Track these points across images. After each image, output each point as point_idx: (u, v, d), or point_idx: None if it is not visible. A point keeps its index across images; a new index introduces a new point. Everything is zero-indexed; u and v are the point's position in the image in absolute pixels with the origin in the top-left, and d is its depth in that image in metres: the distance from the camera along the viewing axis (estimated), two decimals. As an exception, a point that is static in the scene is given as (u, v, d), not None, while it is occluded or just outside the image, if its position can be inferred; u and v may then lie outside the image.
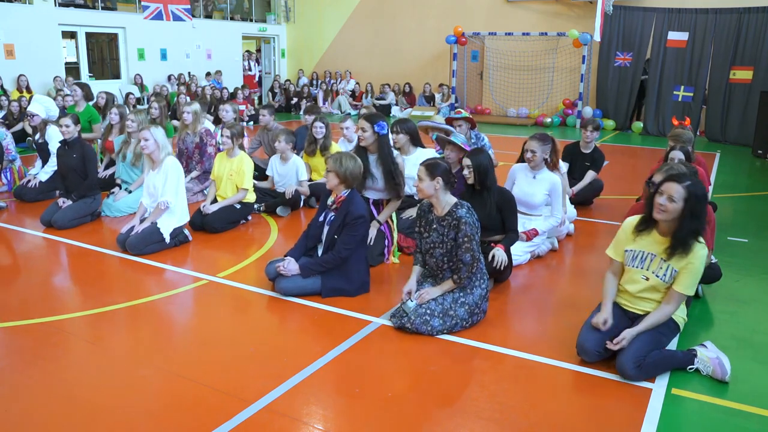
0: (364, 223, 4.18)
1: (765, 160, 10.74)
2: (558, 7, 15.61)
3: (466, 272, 3.71)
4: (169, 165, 5.29)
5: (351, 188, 4.27)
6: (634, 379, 3.19)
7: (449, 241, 3.75)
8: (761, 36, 12.57)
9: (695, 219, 3.15)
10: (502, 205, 4.40)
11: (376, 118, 4.92)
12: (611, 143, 12.70)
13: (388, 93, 17.31)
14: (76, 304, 4.23)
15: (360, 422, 2.85)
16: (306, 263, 4.24)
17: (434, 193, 3.74)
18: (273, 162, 6.71)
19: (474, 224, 3.72)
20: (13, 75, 12.63)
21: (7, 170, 7.34)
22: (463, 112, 6.23)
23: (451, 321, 3.72)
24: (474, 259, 3.70)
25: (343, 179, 4.19)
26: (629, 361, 3.17)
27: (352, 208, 4.16)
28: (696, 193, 3.13)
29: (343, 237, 4.16)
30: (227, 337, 3.73)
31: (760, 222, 6.68)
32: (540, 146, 5.04)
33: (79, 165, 6.06)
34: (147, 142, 5.23)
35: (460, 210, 3.73)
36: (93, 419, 2.84)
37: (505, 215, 4.41)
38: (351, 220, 4.14)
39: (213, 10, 17.96)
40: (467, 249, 3.67)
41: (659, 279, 3.30)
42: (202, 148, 7.14)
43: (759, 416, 2.96)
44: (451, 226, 3.73)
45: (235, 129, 5.96)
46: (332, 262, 4.19)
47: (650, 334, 3.27)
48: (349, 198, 4.22)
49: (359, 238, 4.20)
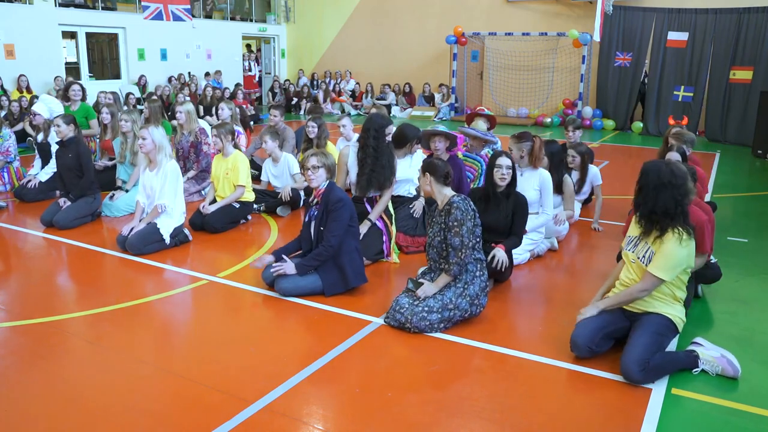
0: (345, 205, 4.22)
1: (765, 160, 10.74)
2: (558, 7, 15.61)
3: (455, 257, 3.75)
4: (169, 169, 5.27)
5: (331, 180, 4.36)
6: (641, 383, 3.17)
7: (445, 228, 3.85)
8: (761, 36, 12.57)
9: (652, 195, 3.22)
10: (516, 210, 4.47)
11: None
12: (611, 143, 12.70)
13: (388, 93, 17.31)
14: (76, 304, 4.23)
15: (360, 422, 2.85)
16: (300, 261, 4.27)
17: (431, 189, 3.92)
18: (266, 166, 6.73)
19: (466, 210, 3.79)
20: (13, 75, 12.63)
21: (5, 170, 7.35)
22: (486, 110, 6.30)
23: (450, 313, 3.74)
24: (463, 245, 3.75)
25: (331, 172, 4.33)
26: (634, 365, 3.15)
27: (331, 196, 4.25)
28: (645, 170, 3.29)
29: (329, 225, 4.22)
30: (227, 337, 3.73)
31: (760, 222, 6.68)
32: (515, 144, 5.13)
33: (75, 164, 6.06)
34: (144, 141, 5.24)
35: (455, 198, 3.86)
36: (93, 419, 2.84)
37: (516, 219, 4.48)
38: (332, 206, 4.21)
39: (213, 10, 17.96)
40: (456, 233, 3.75)
41: (640, 261, 3.35)
42: (197, 147, 7.14)
43: (759, 416, 2.96)
44: (447, 213, 3.84)
45: (222, 128, 5.98)
46: (324, 253, 4.21)
47: (651, 335, 3.26)
48: (328, 188, 4.30)
49: (345, 223, 4.22)
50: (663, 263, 3.24)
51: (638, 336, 3.27)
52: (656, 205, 3.22)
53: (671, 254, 3.22)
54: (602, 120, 14.75)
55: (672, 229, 3.22)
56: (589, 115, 14.83)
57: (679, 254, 3.22)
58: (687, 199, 3.28)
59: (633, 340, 3.27)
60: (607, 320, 3.42)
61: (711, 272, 4.23)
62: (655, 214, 3.24)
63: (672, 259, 3.22)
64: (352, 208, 4.30)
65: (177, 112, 7.18)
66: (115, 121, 7.20)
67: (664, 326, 3.32)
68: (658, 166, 3.29)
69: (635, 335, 3.29)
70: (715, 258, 4.42)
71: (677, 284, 3.37)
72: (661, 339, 3.30)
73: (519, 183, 5.11)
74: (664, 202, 3.20)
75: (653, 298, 3.37)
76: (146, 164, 5.45)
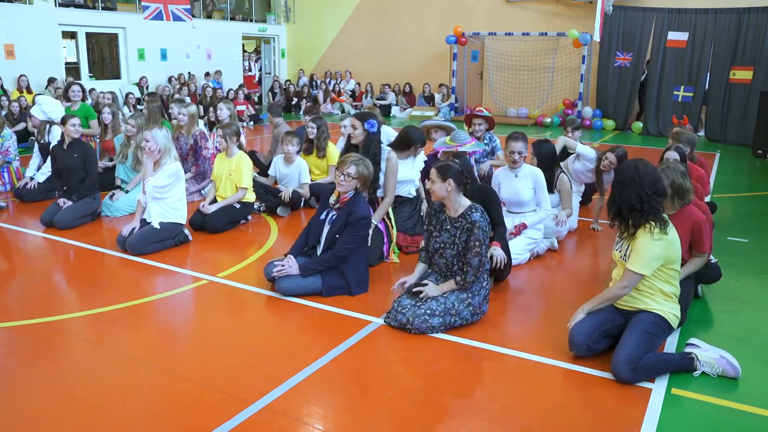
0: (367, 224, 4.21)
1: (765, 160, 10.74)
2: (558, 7, 15.61)
3: (473, 276, 3.72)
4: (173, 170, 5.25)
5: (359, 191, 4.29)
6: (630, 382, 3.18)
7: (460, 243, 3.76)
8: (761, 36, 12.57)
9: (618, 194, 3.33)
10: (486, 201, 4.28)
11: (366, 116, 5.06)
12: (611, 143, 12.70)
13: (388, 93, 17.31)
14: (76, 304, 4.23)
15: (360, 422, 2.85)
16: (305, 263, 4.25)
17: (447, 195, 3.77)
18: (276, 162, 6.72)
19: (486, 229, 3.73)
20: (13, 75, 12.62)
21: (5, 171, 7.35)
22: (484, 111, 6.30)
23: (452, 318, 3.73)
24: (482, 263, 3.72)
25: (363, 185, 4.25)
26: (623, 364, 3.17)
27: (356, 209, 4.18)
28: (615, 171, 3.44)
29: (345, 237, 4.17)
30: (227, 337, 3.73)
31: (760, 222, 6.68)
32: (524, 146, 5.15)
33: (80, 164, 6.07)
34: (148, 143, 5.21)
35: (474, 213, 3.74)
36: (93, 419, 2.84)
37: (491, 210, 4.24)
38: (355, 220, 4.15)
39: (213, 10, 17.96)
40: (477, 253, 3.68)
41: (622, 259, 3.42)
42: (196, 150, 7.14)
43: (759, 416, 2.96)
44: (464, 229, 3.74)
45: (228, 129, 5.96)
46: (332, 261, 4.20)
47: (640, 334, 3.26)
48: (353, 199, 4.24)
49: (360, 239, 4.20)
50: (637, 258, 3.30)
51: (628, 335, 3.28)
52: (622, 203, 3.32)
53: (644, 249, 3.28)
54: (602, 120, 14.75)
55: (643, 224, 3.30)
56: (589, 115, 14.83)
57: (652, 248, 3.26)
58: (658, 196, 3.31)
59: (623, 339, 3.28)
60: (604, 318, 3.43)
61: (711, 272, 4.23)
62: (622, 211, 3.34)
63: (646, 254, 3.27)
64: (370, 226, 4.28)
65: (180, 114, 7.17)
66: (116, 120, 7.21)
67: (654, 325, 3.32)
68: (625, 166, 3.40)
69: (626, 334, 3.31)
70: (715, 258, 4.42)
71: (663, 278, 3.38)
72: (651, 338, 3.30)
73: (514, 184, 5.13)
74: (629, 200, 3.29)
75: (640, 293, 3.39)
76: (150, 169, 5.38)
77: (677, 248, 3.36)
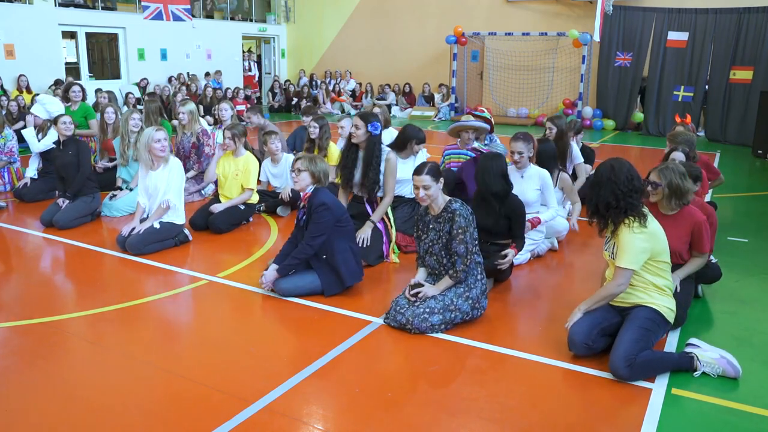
0: (326, 210, 4.20)
1: (765, 160, 10.73)
2: (558, 7, 15.61)
3: (461, 264, 3.75)
4: (173, 165, 5.28)
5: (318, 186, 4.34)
6: (627, 379, 3.19)
7: (445, 235, 3.82)
8: (761, 36, 12.56)
9: (594, 193, 3.43)
10: (510, 215, 4.42)
11: (371, 117, 5.04)
12: (611, 143, 12.70)
13: (388, 93, 17.30)
14: (76, 304, 4.23)
15: (360, 422, 2.85)
16: (281, 262, 4.29)
17: (437, 194, 3.82)
18: (264, 166, 6.72)
19: (467, 217, 3.78)
20: (13, 75, 12.62)
21: (6, 171, 7.34)
22: (485, 112, 6.28)
23: (452, 314, 3.74)
24: (468, 251, 3.74)
25: (317, 179, 4.30)
26: (620, 360, 3.18)
27: (314, 200, 4.24)
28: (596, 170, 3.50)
29: (309, 227, 4.22)
30: (227, 337, 3.73)
31: (760, 222, 6.68)
32: (526, 147, 5.12)
33: (75, 161, 6.07)
34: (160, 142, 5.18)
35: (454, 204, 3.82)
36: (93, 419, 2.84)
37: (514, 224, 4.44)
38: (314, 209, 4.21)
39: (213, 10, 17.96)
40: (461, 240, 3.73)
41: (611, 258, 3.48)
42: (198, 148, 7.14)
43: (759, 416, 2.96)
44: (446, 220, 3.80)
45: (236, 129, 5.96)
46: (303, 253, 4.23)
47: (636, 330, 3.27)
48: (313, 192, 4.30)
49: (324, 226, 4.20)
50: (623, 254, 3.35)
51: (624, 332, 3.29)
52: (599, 201, 3.40)
53: (627, 244, 3.33)
54: (602, 120, 14.75)
55: (622, 221, 3.36)
56: (589, 115, 14.83)
57: (635, 242, 3.31)
58: (634, 192, 3.36)
59: (620, 337, 3.29)
60: (600, 316, 3.44)
61: (711, 272, 4.23)
62: (599, 209, 3.42)
63: (630, 248, 3.32)
64: (338, 212, 4.27)
65: (180, 113, 7.16)
66: (117, 120, 7.20)
67: (649, 320, 3.33)
68: (602, 166, 3.48)
69: (622, 331, 3.32)
70: (715, 258, 4.42)
71: (653, 272, 3.39)
72: (648, 333, 3.30)
73: (519, 185, 5.12)
74: (604, 198, 3.37)
75: (634, 288, 3.41)
76: (148, 165, 5.36)
77: (661, 240, 3.40)
